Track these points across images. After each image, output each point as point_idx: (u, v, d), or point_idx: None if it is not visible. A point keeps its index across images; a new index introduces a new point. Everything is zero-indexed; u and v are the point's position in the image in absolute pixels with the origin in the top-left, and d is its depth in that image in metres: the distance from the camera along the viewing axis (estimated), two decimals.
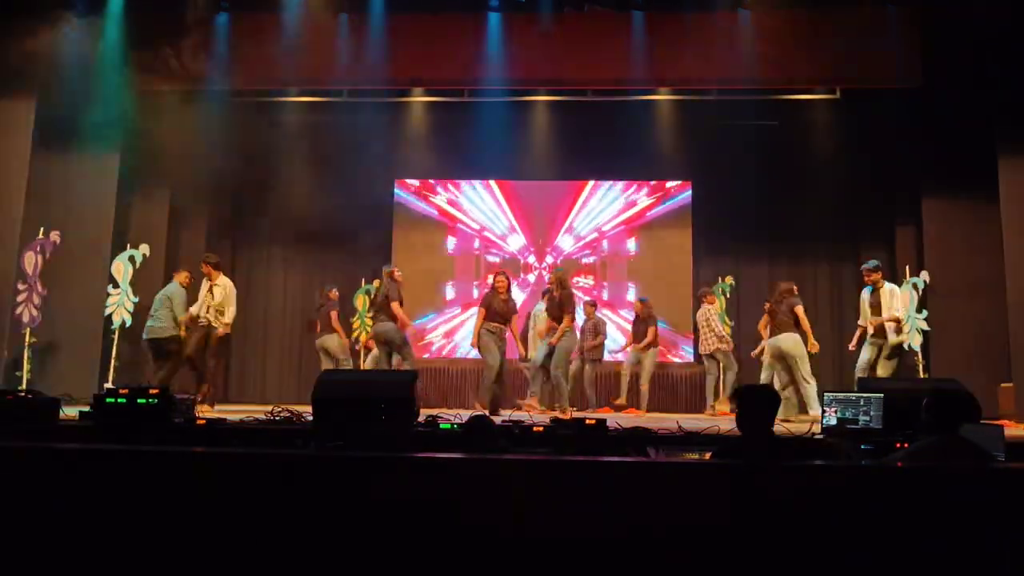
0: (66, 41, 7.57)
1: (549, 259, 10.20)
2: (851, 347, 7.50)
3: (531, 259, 10.28)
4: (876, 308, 7.16)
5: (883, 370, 7.08)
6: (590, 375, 8.59)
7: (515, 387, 8.82)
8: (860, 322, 7.33)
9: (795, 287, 7.41)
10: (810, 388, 6.85)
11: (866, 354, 7.19)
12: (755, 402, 3.19)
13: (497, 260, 10.25)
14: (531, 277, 10.11)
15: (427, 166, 10.18)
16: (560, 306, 7.19)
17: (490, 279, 7.93)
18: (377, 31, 8.13)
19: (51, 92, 7.55)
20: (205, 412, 6.36)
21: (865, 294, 7.28)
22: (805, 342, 7.02)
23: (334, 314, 8.72)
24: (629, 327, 9.14)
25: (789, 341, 6.98)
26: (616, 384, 8.94)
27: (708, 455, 3.67)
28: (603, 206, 10.27)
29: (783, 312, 7.13)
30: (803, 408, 6.86)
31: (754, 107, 9.15)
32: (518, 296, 10.05)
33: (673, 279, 9.99)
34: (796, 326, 7.06)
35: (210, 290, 7.28)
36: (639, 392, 8.50)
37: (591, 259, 10.22)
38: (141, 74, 8.12)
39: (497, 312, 7.25)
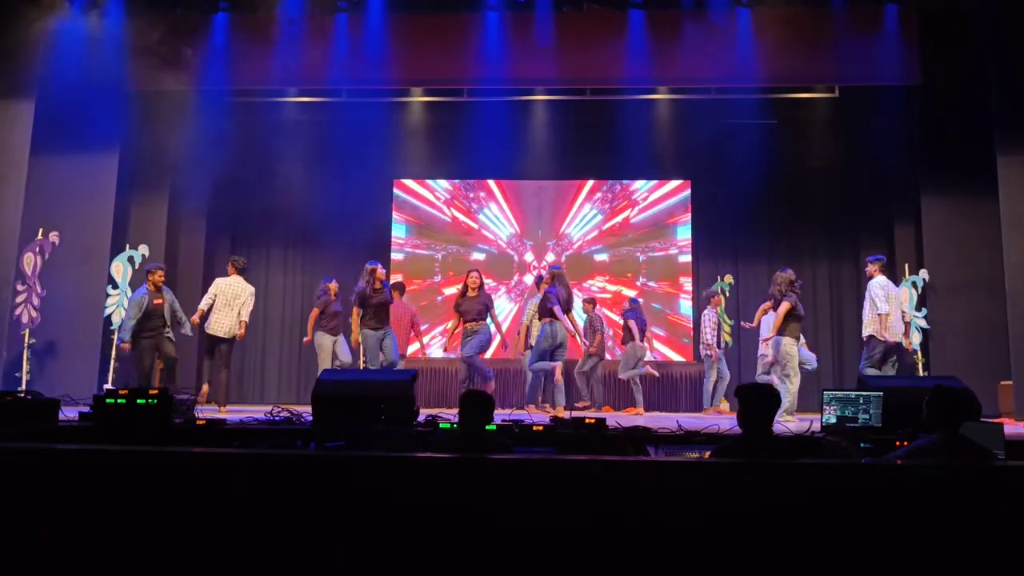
0: (64, 41, 7.56)
1: (551, 256, 10.20)
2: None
3: (528, 257, 10.27)
4: (873, 304, 7.15)
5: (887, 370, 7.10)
6: (597, 373, 8.51)
7: (516, 385, 8.84)
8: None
9: (793, 279, 7.30)
10: (788, 387, 6.81)
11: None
12: (756, 400, 3.19)
13: (496, 259, 10.26)
14: (527, 279, 10.09)
15: (426, 166, 10.18)
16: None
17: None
18: (375, 31, 8.13)
19: (49, 92, 7.54)
20: (223, 412, 6.43)
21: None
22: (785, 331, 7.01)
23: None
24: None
25: (781, 345, 6.98)
26: (614, 383, 8.94)
27: (708, 454, 3.67)
28: (602, 205, 10.27)
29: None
30: None
31: (753, 106, 9.15)
32: (516, 296, 10.06)
33: (672, 278, 10.01)
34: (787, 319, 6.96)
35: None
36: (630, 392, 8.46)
37: (596, 258, 10.22)
38: (140, 74, 8.12)
39: (466, 311, 7.33)
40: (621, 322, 8.76)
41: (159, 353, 7.10)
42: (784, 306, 6.79)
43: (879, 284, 7.13)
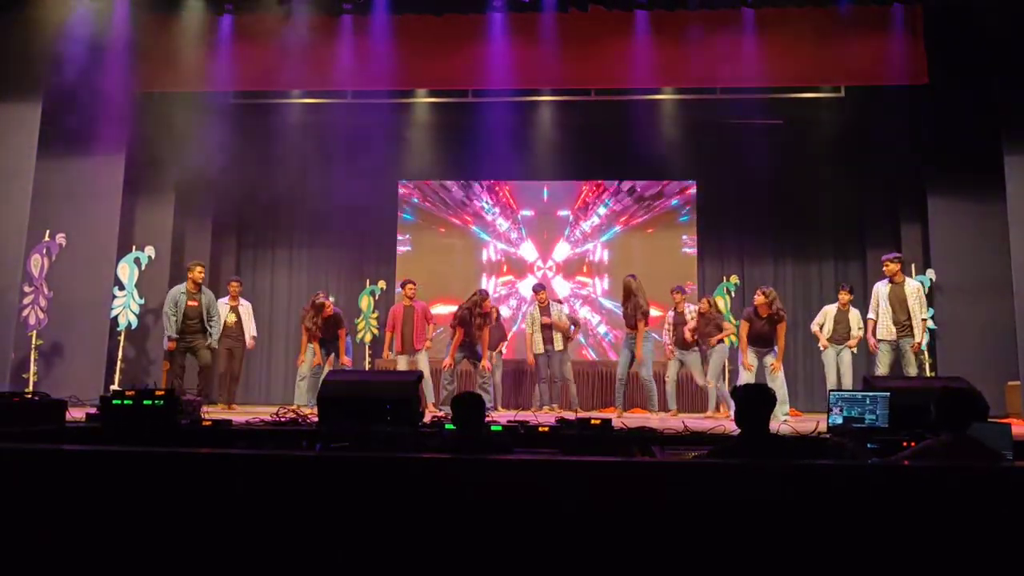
0: (71, 43, 7.58)
1: (559, 255, 10.19)
2: (873, 349, 7.25)
3: (531, 256, 10.27)
4: (899, 305, 7.00)
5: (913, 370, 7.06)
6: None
7: (519, 387, 8.83)
8: (870, 316, 7.22)
9: (756, 296, 7.19)
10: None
11: (887, 357, 7.08)
12: (750, 400, 3.21)
13: (497, 259, 10.26)
14: (523, 286, 10.07)
15: (430, 167, 10.17)
16: (636, 311, 7.56)
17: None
18: (380, 32, 8.14)
19: (56, 94, 7.56)
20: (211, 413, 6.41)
21: (883, 288, 7.13)
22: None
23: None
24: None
25: None
26: (603, 385, 8.91)
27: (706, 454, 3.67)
28: (607, 206, 10.26)
29: None
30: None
31: (759, 106, 9.13)
32: (522, 298, 10.06)
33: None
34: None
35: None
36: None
37: (599, 259, 10.21)
38: (146, 76, 8.15)
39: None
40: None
41: (197, 359, 7.02)
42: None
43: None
